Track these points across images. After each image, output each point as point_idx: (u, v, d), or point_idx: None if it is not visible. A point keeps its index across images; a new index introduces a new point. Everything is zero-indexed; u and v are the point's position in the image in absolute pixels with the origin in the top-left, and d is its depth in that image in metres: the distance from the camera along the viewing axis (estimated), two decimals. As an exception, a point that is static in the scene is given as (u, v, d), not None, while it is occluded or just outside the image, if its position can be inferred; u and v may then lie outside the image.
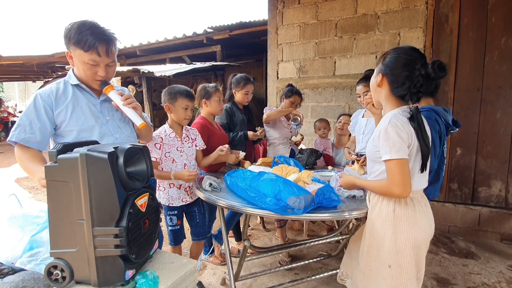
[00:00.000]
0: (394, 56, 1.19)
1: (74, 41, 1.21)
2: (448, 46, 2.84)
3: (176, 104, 1.79)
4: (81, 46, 1.21)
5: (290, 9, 3.56)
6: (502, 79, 2.70)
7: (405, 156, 1.09)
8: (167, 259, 1.04)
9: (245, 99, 2.48)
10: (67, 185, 0.80)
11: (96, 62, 1.25)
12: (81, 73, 1.29)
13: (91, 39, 1.20)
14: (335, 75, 3.38)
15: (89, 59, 1.23)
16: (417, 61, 1.15)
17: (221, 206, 1.51)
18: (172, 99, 1.79)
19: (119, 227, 0.80)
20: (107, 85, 1.32)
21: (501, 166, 2.77)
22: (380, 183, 1.19)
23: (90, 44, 1.20)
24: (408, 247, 1.14)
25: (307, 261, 2.16)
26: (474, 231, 2.87)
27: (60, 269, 0.82)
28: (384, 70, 1.20)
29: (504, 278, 2.22)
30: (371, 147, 1.22)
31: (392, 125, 1.10)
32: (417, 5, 2.91)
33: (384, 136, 1.10)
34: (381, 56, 1.25)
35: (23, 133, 1.23)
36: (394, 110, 1.18)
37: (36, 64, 7.58)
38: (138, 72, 4.26)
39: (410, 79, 1.14)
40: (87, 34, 1.20)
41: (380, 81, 1.21)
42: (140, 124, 1.33)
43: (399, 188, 1.09)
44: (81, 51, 1.22)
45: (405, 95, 1.17)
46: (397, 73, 1.16)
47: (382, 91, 1.23)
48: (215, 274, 2.26)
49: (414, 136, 1.12)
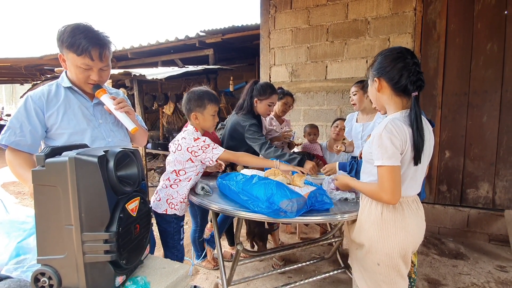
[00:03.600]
0: (382, 57, 1.20)
1: (67, 45, 1.19)
2: (436, 51, 2.92)
3: (205, 112, 1.63)
4: (74, 49, 1.19)
5: (282, 14, 3.59)
6: (487, 84, 2.78)
7: (396, 164, 1.09)
8: (158, 264, 1.02)
9: (267, 111, 2.17)
10: (55, 190, 0.78)
11: (89, 66, 1.23)
12: (74, 76, 1.27)
13: (84, 43, 1.18)
14: (327, 79, 3.42)
15: (82, 63, 1.21)
16: (405, 53, 1.17)
17: (214, 210, 1.50)
18: (201, 107, 1.62)
19: (109, 232, 0.78)
20: (99, 88, 1.30)
21: (488, 168, 2.84)
22: (370, 187, 1.20)
23: (83, 48, 1.18)
24: (396, 250, 1.16)
25: (300, 264, 2.16)
26: (463, 232, 2.92)
27: (47, 276, 0.80)
28: (378, 73, 1.20)
29: (492, 278, 2.26)
30: (367, 149, 1.23)
31: (387, 131, 1.10)
32: (406, 11, 2.98)
33: (378, 142, 1.11)
34: (370, 65, 1.27)
35: (13, 136, 1.20)
36: (395, 114, 1.18)
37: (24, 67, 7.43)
38: (129, 75, 4.21)
39: (406, 69, 1.14)
40: (80, 37, 1.18)
41: (379, 85, 1.20)
42: (132, 129, 1.30)
43: (387, 195, 1.10)
44: (74, 54, 1.20)
45: (406, 85, 1.14)
46: (391, 69, 1.16)
47: (383, 95, 1.21)
48: (207, 279, 2.24)
49: (409, 141, 1.11)
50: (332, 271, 2.08)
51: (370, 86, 1.28)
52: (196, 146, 1.57)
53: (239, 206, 1.41)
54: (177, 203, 1.63)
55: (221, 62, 5.94)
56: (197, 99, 1.63)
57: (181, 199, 1.64)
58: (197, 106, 1.63)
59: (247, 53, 6.21)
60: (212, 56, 5.55)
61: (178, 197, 1.64)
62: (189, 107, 1.65)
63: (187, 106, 1.66)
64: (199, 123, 1.66)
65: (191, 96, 1.65)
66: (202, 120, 1.65)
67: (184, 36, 5.40)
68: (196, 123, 1.66)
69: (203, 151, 1.57)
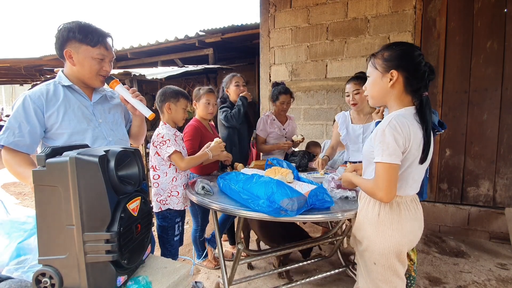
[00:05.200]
0: (401, 50, 1.12)
1: (80, 38, 1.22)
2: (436, 49, 2.91)
3: (178, 104, 1.78)
4: (88, 41, 1.23)
5: (282, 13, 3.59)
6: (487, 82, 2.78)
7: (396, 162, 1.06)
8: (160, 264, 1.02)
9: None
10: (56, 190, 0.78)
11: (104, 56, 1.28)
12: (86, 70, 1.28)
13: (98, 34, 1.24)
14: (327, 78, 3.42)
15: (98, 53, 1.26)
16: (418, 50, 1.14)
17: (214, 209, 1.50)
18: (175, 99, 1.78)
19: (110, 232, 0.78)
20: (112, 79, 1.35)
21: (488, 166, 2.84)
22: (368, 183, 1.17)
23: (98, 39, 1.24)
24: (391, 251, 1.15)
25: (301, 263, 2.16)
26: (464, 230, 2.92)
27: (48, 276, 0.79)
28: (397, 67, 1.10)
29: (493, 275, 2.26)
30: (368, 147, 1.20)
31: (391, 127, 1.06)
32: (405, 9, 2.97)
33: (380, 138, 1.08)
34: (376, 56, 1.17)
35: (12, 136, 1.19)
36: (399, 110, 1.13)
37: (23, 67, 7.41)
38: (129, 75, 4.21)
39: (426, 66, 1.11)
40: (91, 30, 1.24)
41: (396, 79, 1.11)
42: (149, 115, 1.36)
43: (381, 192, 1.08)
44: (88, 46, 1.24)
45: (422, 84, 1.11)
46: (414, 65, 1.10)
47: (393, 90, 1.14)
48: (208, 278, 2.24)
49: (414, 139, 1.08)
50: (333, 270, 2.08)
51: (378, 78, 1.16)
52: (156, 141, 1.72)
53: (239, 205, 1.41)
54: (166, 199, 1.75)
55: (221, 62, 5.93)
56: (171, 92, 1.79)
57: (168, 194, 1.75)
58: (171, 97, 1.78)
59: (247, 52, 6.20)
60: (211, 56, 5.54)
61: (164, 194, 1.75)
62: (163, 99, 1.79)
63: (161, 98, 1.80)
64: (171, 114, 1.79)
65: (166, 90, 1.81)
66: (174, 111, 1.79)
67: (184, 35, 5.40)
68: (168, 113, 1.79)
69: (160, 147, 1.71)
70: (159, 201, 1.75)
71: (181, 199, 1.78)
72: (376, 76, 1.17)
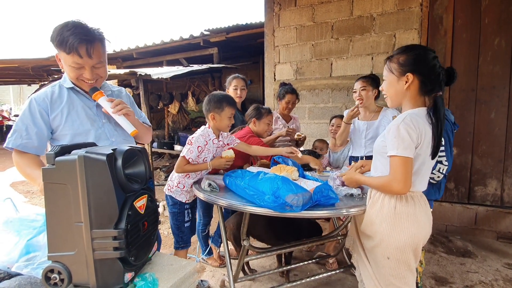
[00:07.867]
0: (416, 54, 1.18)
1: (57, 43, 1.17)
2: (442, 47, 2.88)
3: (222, 114, 1.78)
4: (63, 48, 1.16)
5: (286, 12, 3.58)
6: (495, 79, 2.74)
7: (410, 155, 1.12)
8: (166, 261, 1.03)
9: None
10: (65, 188, 0.79)
11: (80, 65, 1.19)
12: (70, 75, 1.25)
13: (71, 41, 1.13)
14: (332, 76, 3.40)
15: (72, 61, 1.18)
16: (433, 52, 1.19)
17: (221, 205, 1.51)
18: (219, 108, 1.77)
19: (117, 229, 0.79)
20: (96, 91, 1.26)
21: (496, 165, 2.80)
22: (381, 179, 1.21)
23: (71, 46, 1.14)
24: (408, 244, 1.17)
25: (306, 262, 2.16)
26: (471, 230, 2.89)
27: (57, 272, 0.81)
28: (413, 70, 1.16)
29: (500, 276, 2.24)
30: (380, 142, 1.24)
31: (406, 123, 1.12)
32: (412, 6, 2.94)
33: (395, 133, 1.12)
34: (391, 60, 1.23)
35: (20, 138, 1.21)
36: (413, 110, 1.19)
37: (31, 68, 7.51)
38: (135, 75, 4.25)
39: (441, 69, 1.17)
40: (68, 35, 1.13)
41: (412, 82, 1.17)
42: (131, 132, 1.28)
43: (399, 184, 1.12)
44: (64, 53, 1.17)
45: (434, 88, 1.17)
46: (429, 68, 1.16)
47: (408, 92, 1.20)
48: (214, 276, 2.26)
49: (425, 136, 1.13)
50: (338, 269, 2.08)
51: (394, 81, 1.22)
52: (190, 137, 1.80)
53: (245, 201, 1.41)
54: (172, 187, 1.88)
55: (226, 61, 5.94)
56: (216, 101, 1.78)
57: (175, 184, 1.87)
58: (215, 108, 1.77)
59: (251, 51, 6.20)
60: (216, 55, 5.55)
61: (174, 182, 1.88)
62: (208, 108, 1.80)
63: (207, 107, 1.81)
64: (215, 123, 1.81)
65: (211, 98, 1.80)
66: (219, 121, 1.79)
67: (189, 35, 5.42)
68: (213, 123, 1.81)
69: (186, 143, 1.81)
70: (169, 185, 1.90)
71: (184, 193, 1.87)
72: (392, 79, 1.23)
